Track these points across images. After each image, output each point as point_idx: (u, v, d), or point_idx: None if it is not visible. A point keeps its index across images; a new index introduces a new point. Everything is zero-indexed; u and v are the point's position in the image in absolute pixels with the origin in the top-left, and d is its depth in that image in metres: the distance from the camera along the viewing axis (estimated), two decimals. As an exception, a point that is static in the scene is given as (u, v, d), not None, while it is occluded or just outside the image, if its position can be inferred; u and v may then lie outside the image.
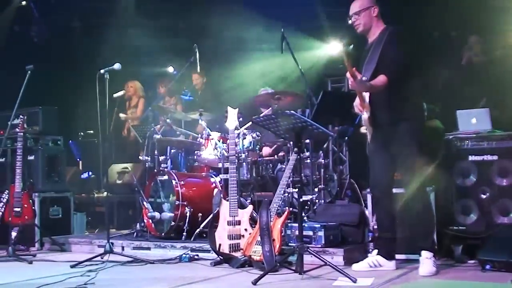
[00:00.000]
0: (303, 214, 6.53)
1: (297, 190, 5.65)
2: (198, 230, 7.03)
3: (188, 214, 7.09)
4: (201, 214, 7.13)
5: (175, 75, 10.89)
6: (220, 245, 6.09)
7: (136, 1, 11.52)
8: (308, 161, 7.34)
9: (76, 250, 7.58)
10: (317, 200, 7.18)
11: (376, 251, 5.73)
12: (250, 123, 7.19)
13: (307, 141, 7.16)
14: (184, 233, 7.05)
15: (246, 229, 6.05)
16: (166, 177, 7.41)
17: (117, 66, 6.63)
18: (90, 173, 10.82)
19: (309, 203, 7.11)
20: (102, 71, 6.59)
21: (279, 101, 7.33)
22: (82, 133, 11.66)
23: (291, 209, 6.42)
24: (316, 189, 7.29)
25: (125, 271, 5.97)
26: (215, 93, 9.43)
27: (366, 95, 5.48)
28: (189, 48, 8.59)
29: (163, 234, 7.23)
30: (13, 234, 7.19)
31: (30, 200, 7.63)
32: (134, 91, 10.63)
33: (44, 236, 7.85)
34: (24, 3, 11.75)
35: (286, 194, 6.83)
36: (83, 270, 5.84)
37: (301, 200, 5.54)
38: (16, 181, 7.37)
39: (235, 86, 9.86)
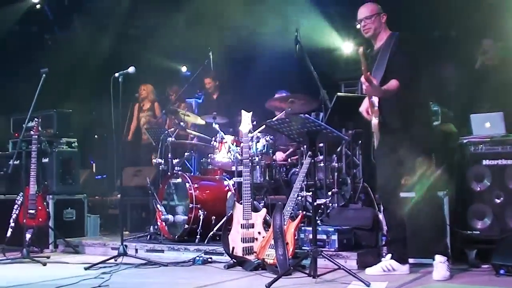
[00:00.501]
0: (317, 218, 6.52)
1: (311, 193, 5.65)
2: (211, 233, 7.04)
3: (201, 217, 7.11)
4: (214, 217, 7.14)
5: (188, 76, 10.94)
6: (233, 248, 6.10)
7: (150, 5, 11.54)
8: (322, 164, 7.33)
9: (90, 252, 7.61)
10: (330, 204, 7.18)
11: (389, 255, 5.72)
12: (264, 126, 7.20)
13: (321, 144, 7.15)
14: (198, 236, 7.07)
15: (259, 232, 6.05)
16: (179, 180, 7.43)
17: (131, 69, 6.64)
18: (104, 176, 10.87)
19: (322, 206, 7.11)
20: (116, 74, 6.60)
21: (292, 104, 7.34)
22: (96, 136, 11.74)
23: (304, 212, 6.41)
24: (329, 193, 7.28)
25: (138, 274, 5.98)
26: (230, 97, 9.44)
27: (376, 100, 5.48)
28: (202, 51, 8.64)
29: (176, 236, 7.25)
30: (28, 236, 7.25)
31: (45, 202, 7.68)
32: (147, 94, 10.68)
33: (58, 238, 7.90)
34: (38, 6, 11.82)
35: (300, 198, 6.83)
36: (97, 272, 5.87)
37: (315, 203, 5.53)
38: (30, 183, 7.41)
39: (249, 89, 9.88)
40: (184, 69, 11.85)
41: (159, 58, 11.27)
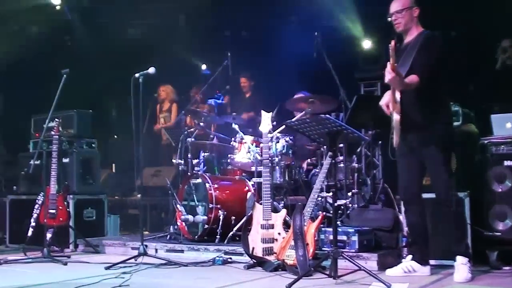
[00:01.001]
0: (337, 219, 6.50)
1: (331, 194, 5.64)
2: (231, 233, 7.05)
3: (221, 217, 7.12)
4: (234, 217, 7.15)
5: (208, 74, 10.96)
6: (253, 248, 6.10)
7: (171, 6, 11.57)
8: (342, 165, 7.31)
9: (110, 252, 7.64)
10: (350, 205, 7.16)
11: (410, 256, 5.70)
12: (284, 126, 7.19)
13: (341, 145, 7.14)
14: (217, 236, 7.08)
15: (279, 233, 6.04)
16: (199, 180, 7.44)
17: (151, 70, 6.65)
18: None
19: (342, 207, 7.09)
20: (137, 75, 6.62)
21: (312, 105, 7.33)
22: (116, 136, 11.79)
23: (324, 213, 6.40)
24: (349, 194, 7.26)
25: (159, 274, 5.99)
26: (261, 97, 9.47)
27: (398, 95, 5.44)
28: (221, 52, 8.66)
29: (196, 237, 7.27)
30: (48, 235, 7.29)
31: (65, 202, 7.71)
32: (166, 95, 10.72)
33: (78, 238, 7.94)
34: (58, 7, 11.89)
35: (320, 199, 6.81)
36: (118, 272, 5.88)
37: (335, 204, 5.52)
38: (51, 183, 7.44)
39: (269, 89, 9.89)
40: (203, 67, 11.87)
41: (179, 58, 11.29)
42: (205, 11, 11.13)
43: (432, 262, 5.71)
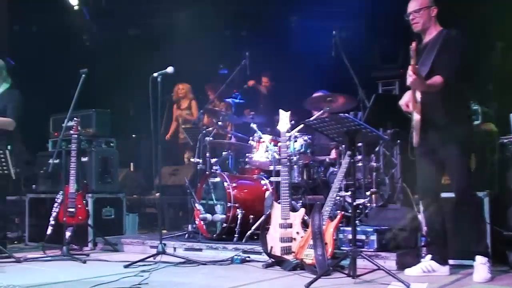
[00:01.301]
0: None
1: (350, 193, 5.63)
2: (249, 232, 7.05)
3: (239, 216, 7.12)
4: (252, 216, 7.15)
5: (225, 74, 10.97)
6: (271, 247, 6.09)
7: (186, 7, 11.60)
8: (360, 164, 7.30)
9: (129, 250, 7.67)
10: (369, 204, 7.14)
11: (429, 256, 5.67)
12: (302, 125, 7.19)
13: (359, 144, 7.12)
14: (236, 235, 7.08)
15: (298, 232, 6.04)
16: (218, 179, 7.45)
17: (170, 69, 6.66)
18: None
19: (361, 206, 7.08)
20: (155, 74, 6.63)
21: (331, 104, 7.32)
22: (134, 135, 11.83)
23: (343, 212, 6.39)
24: (368, 193, 7.24)
25: (177, 272, 6.01)
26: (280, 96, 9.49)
27: (418, 95, 5.43)
28: (239, 53, 8.66)
29: (214, 235, 7.28)
30: (67, 234, 7.31)
31: (84, 201, 7.74)
32: (185, 93, 10.74)
33: (97, 236, 7.98)
34: (76, 7, 11.96)
35: (338, 198, 6.80)
36: (137, 270, 5.91)
37: (354, 203, 5.51)
38: (70, 182, 7.49)
39: (288, 89, 9.89)
40: (221, 67, 11.88)
41: (195, 57, 11.30)
42: (223, 11, 11.14)
43: (451, 262, 5.68)
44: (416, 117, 5.42)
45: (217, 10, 11.16)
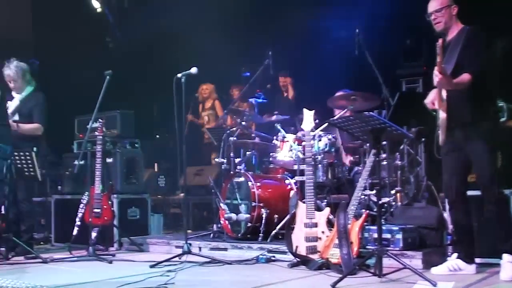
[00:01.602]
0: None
1: (375, 192, 5.61)
2: (274, 231, 7.06)
3: (264, 216, 7.13)
4: (277, 216, 7.15)
5: (248, 76, 10.97)
6: (297, 247, 6.09)
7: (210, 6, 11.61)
8: (385, 163, 7.27)
9: (154, 250, 7.70)
10: (394, 203, 7.11)
11: (455, 254, 5.63)
12: (326, 124, 7.18)
13: (384, 142, 7.09)
14: (260, 234, 7.09)
15: (323, 232, 6.02)
16: (242, 178, 7.46)
17: (194, 70, 6.67)
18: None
19: (386, 205, 7.05)
20: (179, 75, 6.65)
21: (354, 102, 7.30)
22: (158, 136, 11.89)
23: (368, 211, 6.37)
24: (392, 191, 7.21)
25: (203, 272, 6.03)
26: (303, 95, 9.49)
27: (444, 93, 5.40)
28: (262, 52, 8.67)
29: (239, 235, 7.29)
30: (93, 234, 7.36)
31: (109, 202, 7.80)
32: (209, 93, 10.80)
33: (122, 237, 8.01)
34: (99, 10, 12.04)
35: (363, 197, 6.78)
36: (162, 270, 5.93)
37: (379, 202, 5.49)
38: (96, 183, 7.55)
39: (311, 88, 9.87)
40: (243, 69, 11.89)
41: (218, 58, 11.33)
42: (246, 10, 11.14)
43: (477, 260, 5.63)
44: (442, 115, 5.40)
45: (240, 10, 11.15)
